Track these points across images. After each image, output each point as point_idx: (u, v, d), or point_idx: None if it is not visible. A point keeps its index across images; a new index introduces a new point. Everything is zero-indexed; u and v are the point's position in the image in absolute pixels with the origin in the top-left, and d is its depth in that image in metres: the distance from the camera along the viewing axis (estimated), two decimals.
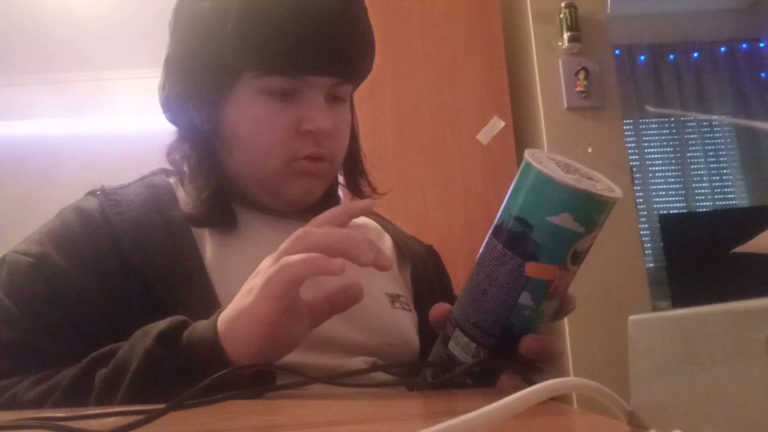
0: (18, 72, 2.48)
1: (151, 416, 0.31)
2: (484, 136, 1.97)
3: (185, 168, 0.69)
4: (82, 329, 0.57)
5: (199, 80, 0.65)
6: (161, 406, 0.33)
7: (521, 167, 0.46)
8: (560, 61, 1.97)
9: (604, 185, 0.46)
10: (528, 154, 0.46)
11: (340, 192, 0.80)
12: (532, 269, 0.45)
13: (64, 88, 2.47)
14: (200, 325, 0.49)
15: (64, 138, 2.47)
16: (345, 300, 0.52)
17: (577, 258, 0.46)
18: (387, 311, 0.68)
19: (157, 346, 0.47)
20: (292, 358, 0.52)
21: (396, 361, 0.64)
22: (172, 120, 0.70)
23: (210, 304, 0.57)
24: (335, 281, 0.65)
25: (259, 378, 0.49)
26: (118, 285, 0.58)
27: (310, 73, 0.63)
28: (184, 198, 0.67)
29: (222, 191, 0.67)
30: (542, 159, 0.46)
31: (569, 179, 0.44)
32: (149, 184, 0.69)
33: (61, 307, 0.57)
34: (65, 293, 0.57)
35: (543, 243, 0.44)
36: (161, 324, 0.49)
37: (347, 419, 0.36)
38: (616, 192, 0.45)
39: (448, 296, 0.81)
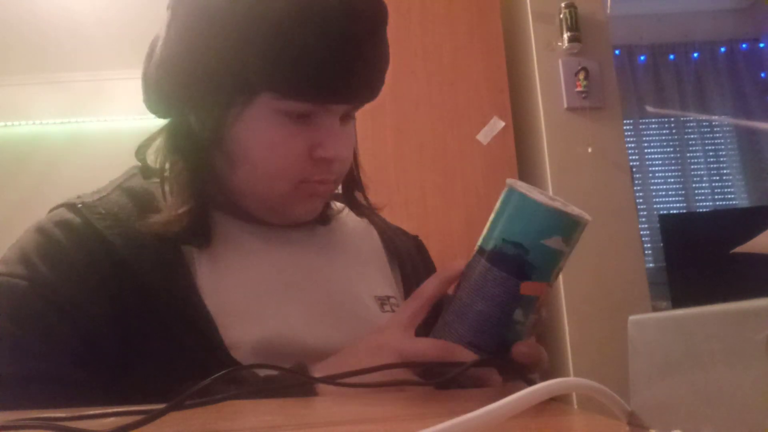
0: (18, 72, 2.48)
1: (151, 416, 0.31)
2: (484, 136, 1.97)
3: (167, 174, 0.65)
4: (91, 347, 0.55)
5: (206, 89, 0.60)
6: (161, 406, 0.33)
7: (509, 196, 0.51)
8: (560, 61, 1.97)
9: (574, 209, 0.51)
10: (514, 184, 0.51)
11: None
12: (526, 288, 0.50)
13: (64, 88, 2.47)
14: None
15: (64, 138, 2.47)
16: None
17: (558, 274, 0.52)
18: (376, 317, 0.67)
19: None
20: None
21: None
22: (160, 114, 0.66)
23: (202, 318, 0.57)
24: (325, 291, 0.66)
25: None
26: (117, 299, 0.56)
27: (333, 101, 0.60)
28: (159, 209, 0.62)
29: (204, 209, 0.64)
30: (525, 188, 0.51)
31: (558, 205, 0.49)
32: (128, 191, 0.65)
33: (70, 329, 0.54)
34: (70, 313, 0.55)
35: (537, 264, 0.50)
36: None
37: (347, 419, 0.36)
38: (587, 215, 0.51)
39: None
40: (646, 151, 3.44)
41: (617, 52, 3.39)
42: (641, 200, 3.32)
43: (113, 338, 0.56)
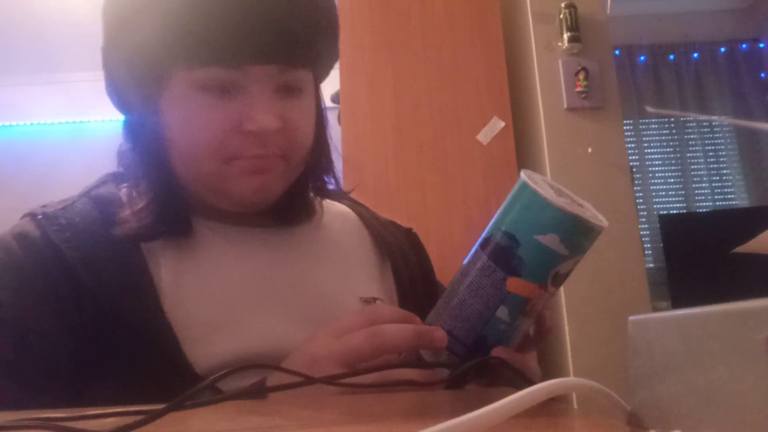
0: (18, 72, 2.49)
1: (151, 416, 0.31)
2: (484, 136, 1.97)
3: (131, 169, 0.64)
4: (43, 368, 0.54)
5: (133, 73, 0.59)
6: (161, 406, 0.33)
7: (517, 185, 0.48)
8: (560, 62, 1.97)
9: (592, 213, 0.47)
10: (524, 174, 0.48)
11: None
12: (513, 284, 0.47)
13: (65, 88, 2.47)
14: None
15: (64, 138, 2.47)
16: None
17: (558, 280, 0.48)
18: None
19: None
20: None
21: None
22: (121, 110, 0.65)
23: (162, 331, 0.55)
24: (312, 294, 0.64)
25: None
26: (73, 315, 0.55)
27: (250, 61, 0.55)
28: (127, 208, 0.61)
29: (169, 195, 0.61)
30: (537, 180, 0.47)
31: (561, 202, 0.45)
32: (96, 199, 0.63)
33: (18, 350, 0.53)
34: (19, 333, 0.54)
35: (527, 260, 0.46)
36: None
37: (347, 419, 0.36)
38: (603, 221, 0.47)
39: (430, 285, 0.78)
40: (646, 151, 3.44)
41: (617, 52, 3.39)
42: (641, 200, 3.32)
43: (69, 357, 0.54)
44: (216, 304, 0.59)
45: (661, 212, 3.27)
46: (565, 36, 1.96)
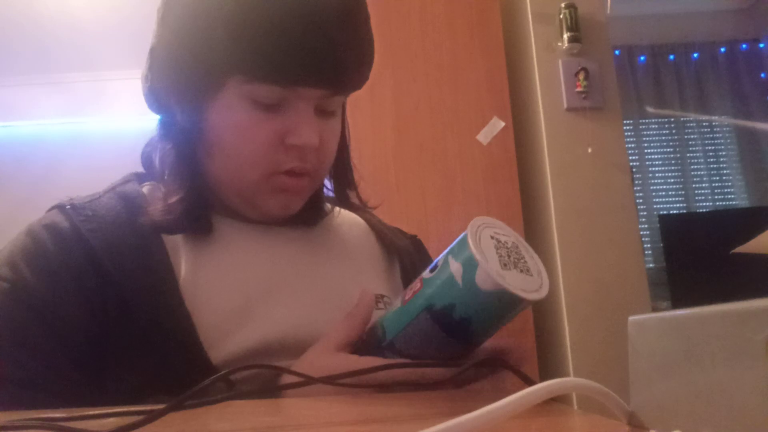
0: (18, 72, 2.48)
1: (151, 416, 0.31)
2: (484, 136, 1.97)
3: (161, 168, 0.66)
4: (68, 353, 0.55)
5: (184, 77, 0.62)
6: (161, 406, 0.33)
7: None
8: (560, 62, 1.97)
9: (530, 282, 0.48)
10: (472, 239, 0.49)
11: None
12: None
13: (64, 89, 2.47)
14: None
15: (64, 138, 2.47)
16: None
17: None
18: None
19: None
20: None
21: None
22: (156, 110, 0.68)
23: (183, 324, 0.56)
24: (328, 290, 0.66)
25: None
26: (98, 303, 0.56)
27: (302, 84, 0.59)
28: (154, 202, 0.64)
29: (198, 196, 0.64)
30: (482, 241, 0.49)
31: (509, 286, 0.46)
32: (121, 194, 0.65)
33: (46, 334, 0.55)
34: (48, 318, 0.55)
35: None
36: None
37: (347, 419, 0.36)
38: (532, 294, 0.47)
39: None
40: (646, 151, 3.45)
41: (617, 52, 3.39)
42: (641, 200, 3.32)
43: (91, 344, 0.56)
44: (232, 296, 0.61)
45: (661, 212, 3.27)
46: (565, 36, 1.96)
